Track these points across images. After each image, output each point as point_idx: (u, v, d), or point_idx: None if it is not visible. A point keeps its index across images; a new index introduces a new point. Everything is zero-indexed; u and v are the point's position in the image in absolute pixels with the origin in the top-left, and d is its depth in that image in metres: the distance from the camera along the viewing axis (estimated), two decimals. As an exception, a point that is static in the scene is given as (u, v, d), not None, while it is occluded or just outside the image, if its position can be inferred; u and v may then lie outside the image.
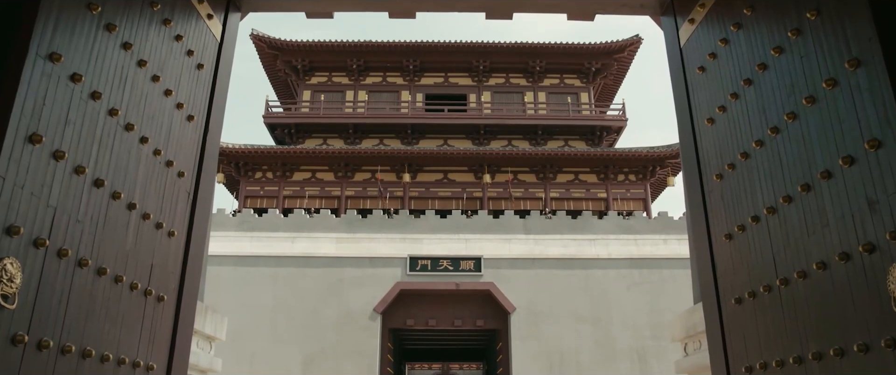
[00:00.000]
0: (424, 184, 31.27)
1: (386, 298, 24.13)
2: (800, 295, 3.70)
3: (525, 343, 23.60)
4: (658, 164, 31.29)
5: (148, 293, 4.18)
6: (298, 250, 24.99)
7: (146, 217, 4.15)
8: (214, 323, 6.09)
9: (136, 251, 4.03)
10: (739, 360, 4.38)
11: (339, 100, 33.60)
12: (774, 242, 3.98)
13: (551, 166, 31.34)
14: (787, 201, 3.83)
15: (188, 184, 4.87)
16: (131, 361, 3.98)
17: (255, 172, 31.51)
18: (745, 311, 4.32)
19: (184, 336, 4.77)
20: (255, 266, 24.71)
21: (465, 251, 24.91)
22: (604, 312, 24.09)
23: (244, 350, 23.35)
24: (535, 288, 24.32)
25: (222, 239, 25.12)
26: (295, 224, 25.58)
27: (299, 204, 30.24)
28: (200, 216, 5.05)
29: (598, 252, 25.07)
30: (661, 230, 25.64)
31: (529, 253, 24.90)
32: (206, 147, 5.20)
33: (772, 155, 4.03)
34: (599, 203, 30.91)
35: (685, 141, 5.47)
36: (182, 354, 4.73)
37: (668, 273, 24.77)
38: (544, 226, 25.56)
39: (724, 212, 4.68)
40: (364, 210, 29.10)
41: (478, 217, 25.91)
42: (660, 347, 23.66)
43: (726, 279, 4.62)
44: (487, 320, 24.90)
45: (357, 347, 23.47)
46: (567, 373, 23.24)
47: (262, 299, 24.15)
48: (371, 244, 25.03)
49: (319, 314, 23.93)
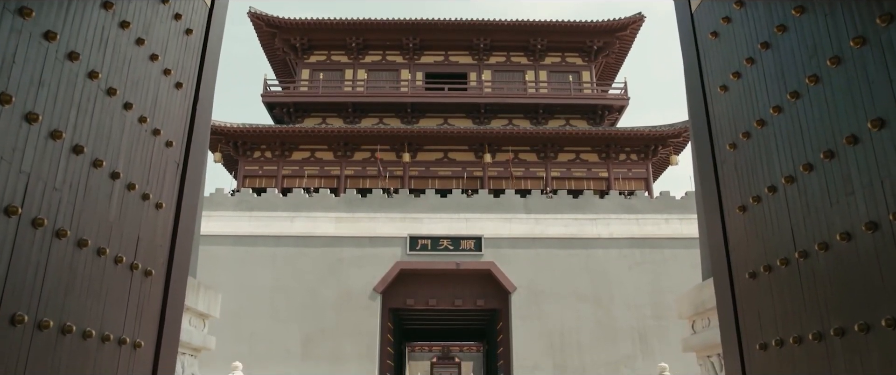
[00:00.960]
0: (424, 163, 31.04)
1: (386, 277, 24.02)
2: (821, 268, 3.51)
3: (526, 323, 23.54)
4: (660, 143, 31.04)
5: (134, 268, 3.99)
6: (297, 229, 24.83)
7: (131, 188, 3.95)
8: (208, 300, 5.91)
9: (120, 222, 3.83)
10: (753, 337, 4.20)
11: (339, 79, 33.26)
12: (793, 213, 3.78)
13: (552, 145, 31.10)
14: (807, 170, 3.63)
15: (177, 154, 4.66)
16: (117, 338, 3.80)
17: (253, 151, 31.26)
18: (760, 286, 4.14)
19: (174, 312, 4.59)
20: (253, 246, 24.58)
21: (465, 230, 24.76)
22: (605, 291, 24.00)
23: (243, 330, 23.30)
24: (535, 268, 24.21)
25: (221, 219, 24.96)
26: (294, 204, 25.41)
27: (298, 184, 30.04)
28: (190, 188, 4.85)
29: (600, 232, 24.92)
30: (663, 210, 25.47)
31: (530, 233, 24.75)
32: (195, 117, 4.98)
33: (791, 122, 3.82)
34: (601, 183, 30.70)
35: (695, 110, 5.25)
36: (172, 331, 4.56)
37: (670, 253, 24.64)
38: (545, 205, 25.38)
39: (737, 183, 4.48)
40: (363, 190, 28.91)
41: (478, 197, 25.73)
42: (661, 327, 23.60)
43: (739, 252, 4.43)
44: (488, 299, 24.82)
45: (357, 326, 23.41)
46: (568, 353, 23.20)
47: (262, 278, 24.04)
48: (371, 224, 24.87)
49: (319, 294, 23.84)
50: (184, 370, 5.60)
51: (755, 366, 4.19)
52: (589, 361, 23.11)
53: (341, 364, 22.95)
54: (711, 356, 5.71)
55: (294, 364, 22.93)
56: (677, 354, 22.68)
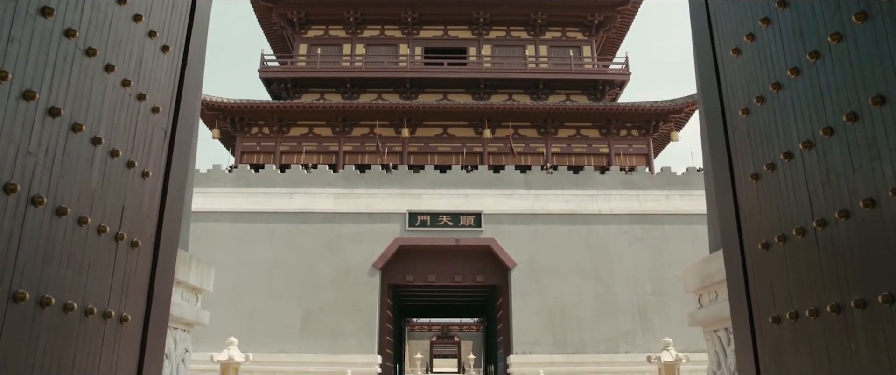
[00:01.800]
0: (424, 139, 30.80)
1: (385, 254, 23.92)
2: (841, 237, 3.32)
3: (526, 299, 23.48)
4: (661, 118, 30.78)
5: (119, 238, 3.81)
6: (296, 205, 24.68)
7: (115, 154, 3.75)
8: (200, 274, 5.74)
9: (103, 190, 3.64)
10: (765, 310, 4.04)
11: (337, 54, 32.88)
12: (811, 180, 3.59)
13: (553, 120, 30.83)
14: (827, 134, 3.43)
15: (164, 121, 4.45)
16: (101, 311, 3.63)
17: (251, 127, 31.00)
18: (774, 257, 3.96)
19: (163, 285, 4.42)
20: (252, 222, 24.44)
21: (465, 206, 24.60)
22: (605, 268, 23.91)
23: (243, 307, 23.24)
24: (535, 244, 24.10)
25: (218, 195, 24.79)
26: (292, 180, 25.22)
27: (296, 160, 29.82)
28: (179, 157, 4.65)
29: (600, 208, 24.77)
30: (664, 186, 25.30)
31: (530, 209, 24.61)
32: (184, 82, 4.77)
33: (810, 83, 3.62)
34: (601, 158, 30.49)
35: (705, 76, 5.04)
36: (161, 305, 4.39)
37: (671, 229, 24.52)
38: (545, 181, 25.20)
39: (750, 150, 4.29)
40: (362, 166, 28.71)
41: (478, 172, 25.54)
42: (661, 303, 23.56)
43: (752, 222, 4.25)
44: (488, 275, 24.75)
45: (356, 303, 23.36)
46: (568, 328, 23.18)
47: (260, 255, 23.94)
48: (369, 200, 24.71)
49: (318, 270, 23.76)
50: (176, 345, 5.45)
51: (767, 340, 4.03)
52: (589, 337, 23.10)
53: (340, 340, 22.94)
54: (718, 330, 5.57)
55: (293, 341, 22.92)
56: (677, 330, 22.66)
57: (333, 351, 22.79)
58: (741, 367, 4.38)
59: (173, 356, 5.39)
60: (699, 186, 25.27)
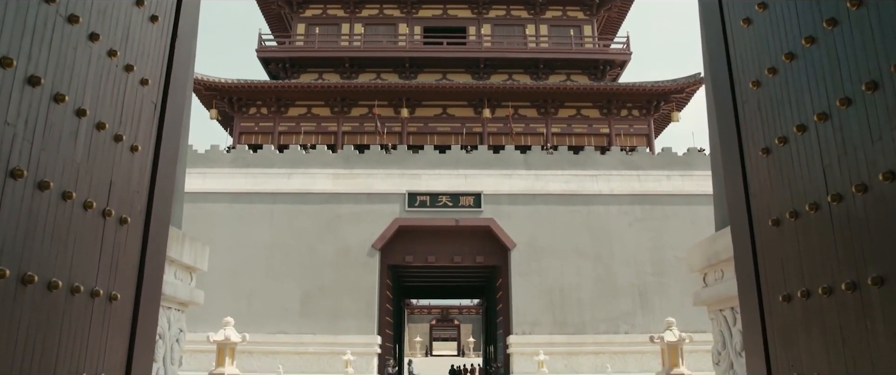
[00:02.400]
0: (423, 119, 30.59)
1: (384, 234, 23.83)
2: (857, 212, 3.19)
3: (525, 279, 23.43)
4: (662, 99, 30.55)
5: (107, 214, 3.67)
6: (294, 186, 24.54)
7: (101, 127, 3.60)
8: (194, 252, 5.61)
9: (88, 165, 3.50)
10: (775, 288, 3.91)
11: (335, 33, 32.54)
12: (826, 153, 3.44)
13: (553, 100, 30.60)
14: (844, 105, 3.28)
15: (154, 94, 4.30)
16: (88, 289, 3.50)
17: (249, 108, 30.76)
18: (785, 234, 3.83)
19: (154, 263, 4.29)
20: (250, 203, 24.31)
21: (464, 186, 24.47)
22: (605, 248, 23.84)
23: (242, 288, 23.19)
24: (535, 224, 24.00)
25: (216, 176, 24.64)
26: (291, 160, 25.05)
27: (295, 140, 29.63)
28: (170, 132, 4.51)
29: (600, 188, 24.65)
30: (665, 166, 25.15)
31: (530, 189, 24.47)
32: (174, 54, 4.60)
33: (826, 52, 3.46)
34: (602, 139, 30.30)
35: (713, 48, 4.88)
36: (152, 283, 4.26)
37: (671, 210, 24.41)
38: (545, 161, 25.05)
39: (761, 123, 4.14)
40: (361, 146, 28.51)
41: (477, 153, 25.37)
42: (661, 283, 23.52)
43: (762, 198, 4.11)
44: (487, 256, 24.68)
45: (355, 283, 23.31)
46: (567, 309, 23.16)
47: (259, 235, 23.84)
48: (368, 180, 24.57)
49: (317, 251, 23.68)
50: (170, 325, 5.33)
51: (777, 319, 3.91)
52: (589, 317, 23.09)
53: (340, 320, 22.92)
54: (724, 309, 5.45)
55: (292, 322, 22.90)
56: (678, 310, 22.62)
57: (333, 332, 22.78)
58: (748, 347, 4.27)
59: (167, 336, 5.28)
60: (700, 166, 25.13)
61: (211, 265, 24.33)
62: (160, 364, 5.19)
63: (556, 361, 22.29)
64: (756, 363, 4.15)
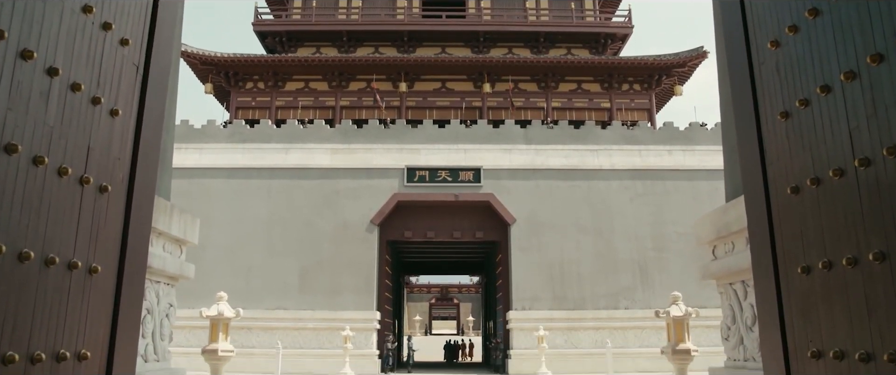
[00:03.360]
0: (422, 93, 30.25)
1: (383, 209, 23.65)
2: (887, 177, 2.97)
3: (525, 255, 23.31)
4: (664, 72, 30.19)
5: (84, 182, 3.45)
6: (292, 161, 24.30)
7: (76, 89, 3.36)
8: (184, 224, 5.40)
9: (62, 128, 3.26)
10: (794, 259, 3.71)
11: (332, 5, 32.06)
12: (853, 115, 3.22)
13: (553, 74, 30.24)
14: (875, 62, 3.04)
15: (135, 55, 4.05)
16: (65, 261, 3.29)
17: (245, 82, 30.39)
18: (805, 202, 3.62)
19: (138, 235, 4.08)
20: (248, 179, 24.09)
21: (464, 161, 24.23)
22: (605, 223, 23.69)
23: (240, 264, 23.07)
24: (535, 199, 23.82)
25: (213, 151, 24.40)
26: (288, 135, 24.78)
27: (292, 115, 29.31)
28: (154, 96, 4.26)
29: (601, 163, 24.42)
30: (666, 141, 24.90)
31: (530, 164, 24.25)
32: (158, 13, 4.35)
33: (856, 6, 3.21)
34: (602, 113, 30.00)
35: (727, 7, 4.62)
36: (137, 255, 4.05)
37: (672, 185, 24.22)
38: (546, 136, 24.79)
39: (779, 86, 3.90)
40: (359, 120, 28.21)
41: (477, 127, 25.09)
42: (661, 259, 23.40)
43: (779, 165, 3.89)
44: (487, 231, 24.53)
45: (354, 259, 23.18)
46: (567, 284, 23.07)
47: (257, 211, 23.66)
48: (367, 155, 24.32)
49: (315, 227, 23.52)
50: (159, 299, 5.14)
51: (795, 291, 3.71)
52: (589, 292, 23.01)
53: (339, 296, 22.83)
54: (734, 283, 5.26)
55: (291, 298, 22.81)
56: (678, 286, 22.52)
57: (332, 308, 22.71)
58: (763, 321, 4.08)
59: (156, 311, 5.09)
60: (702, 141, 24.89)
61: (209, 242, 24.27)
62: (149, 340, 5.00)
63: (556, 336, 22.25)
64: (771, 337, 3.96)
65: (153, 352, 5.03)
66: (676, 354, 6.64)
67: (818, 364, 3.47)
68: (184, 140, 24.60)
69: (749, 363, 5.02)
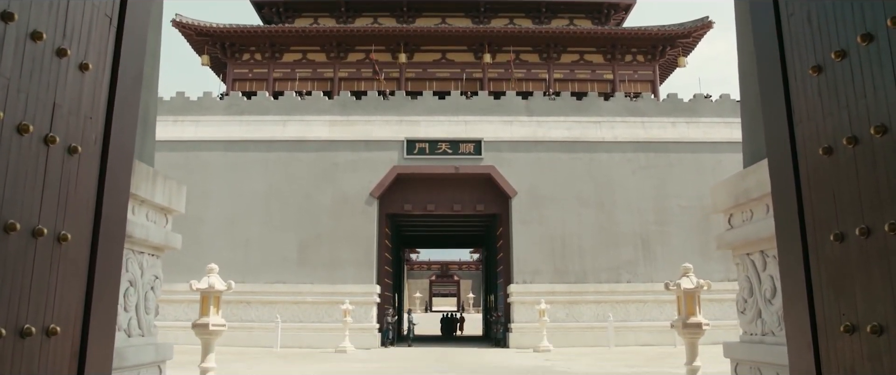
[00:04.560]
0: (421, 64, 29.77)
1: (382, 182, 23.35)
2: (941, 132, 2.66)
3: (526, 228, 23.07)
4: (668, 43, 29.68)
5: (49, 141, 3.13)
6: (290, 133, 23.95)
7: (36, 38, 3.03)
8: (169, 192, 5.09)
9: (20, 81, 2.94)
10: (825, 226, 3.41)
11: (330, -25, 31.41)
12: (900, 64, 2.89)
13: (555, 45, 29.73)
14: (929, 3, 2.71)
15: (108, 6, 3.70)
16: (28, 228, 2.99)
17: (242, 54, 29.90)
18: (839, 163, 3.31)
19: (115, 200, 3.77)
20: (245, 151, 23.77)
21: (464, 133, 23.88)
22: (607, 196, 23.41)
23: (238, 237, 22.85)
24: (537, 172, 23.51)
25: (210, 123, 24.05)
26: (286, 107, 24.39)
27: (290, 87, 28.87)
28: (130, 50, 3.93)
29: (604, 135, 24.07)
30: (670, 113, 24.52)
31: (532, 136, 23.90)
32: (132, -42, 3.98)
33: (905, -59, 2.87)
34: (605, 85, 29.55)
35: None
36: (113, 223, 3.75)
37: (676, 158, 23.90)
38: (548, 108, 24.40)
39: (811, 37, 3.57)
40: (358, 92, 27.78)
41: (478, 99, 24.69)
42: (664, 232, 23.17)
43: (810, 124, 3.57)
44: (488, 204, 24.27)
45: (353, 232, 22.95)
46: (569, 258, 22.86)
47: (255, 184, 23.38)
48: (366, 127, 23.96)
49: (314, 200, 23.25)
50: (143, 271, 4.85)
51: (825, 260, 3.42)
52: (590, 266, 22.81)
53: (338, 270, 22.64)
54: (752, 253, 4.97)
55: (290, 271, 22.62)
56: (680, 260, 22.29)
57: (331, 281, 22.53)
58: (788, 293, 3.79)
59: (140, 283, 4.80)
60: (706, 113, 24.51)
61: (206, 215, 24.00)
62: (132, 314, 4.72)
63: (558, 310, 22.10)
64: (797, 310, 3.68)
65: (137, 326, 4.77)
66: (687, 328, 6.38)
67: (852, 339, 3.19)
68: (180, 112, 24.24)
69: (767, 337, 4.75)
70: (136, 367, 4.63)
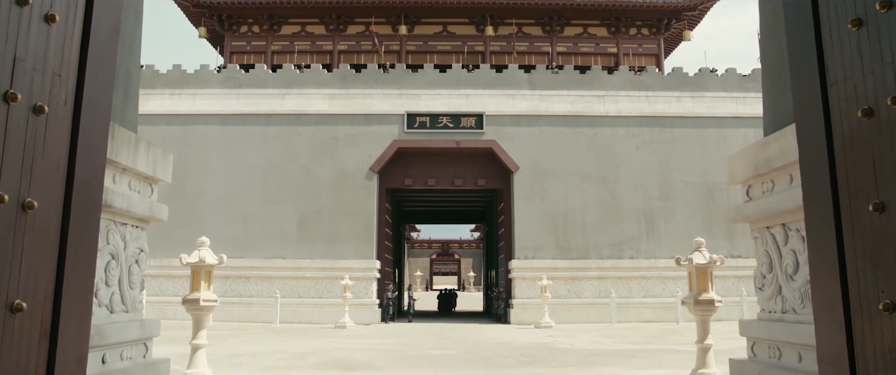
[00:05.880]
0: (422, 37, 29.28)
1: (382, 156, 23.05)
2: None
3: (528, 203, 22.81)
4: (674, 16, 29.16)
5: (10, 99, 2.84)
6: (289, 107, 23.58)
7: (-10, -18, 2.71)
8: (153, 160, 4.79)
9: (-27, 29, 2.64)
10: (863, 195, 3.12)
11: (329, -55, 30.76)
12: (959, 11, 2.58)
13: (558, 18, 29.21)
14: None
15: (77, -48, 3.38)
16: (-16, 193, 2.70)
17: (240, 26, 29.41)
18: (882, 126, 3.01)
19: (89, 166, 3.47)
20: (243, 125, 23.43)
21: (465, 107, 23.51)
22: (610, 171, 23.11)
23: (237, 212, 22.61)
24: (539, 146, 23.19)
25: (207, 97, 23.68)
26: (284, 80, 24.00)
27: (289, 60, 28.43)
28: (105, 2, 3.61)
29: (607, 109, 23.70)
30: (675, 87, 24.12)
31: (534, 110, 23.53)
32: None
33: None
34: (609, 59, 29.09)
35: None
36: (88, 191, 3.45)
37: (680, 132, 23.55)
38: (550, 81, 23.99)
39: (851, -12, 3.25)
40: (358, 65, 27.34)
41: (480, 72, 24.27)
42: (667, 208, 22.91)
43: (847, 84, 3.27)
44: (489, 179, 23.98)
45: (353, 207, 22.70)
46: (571, 233, 22.63)
47: (253, 158, 23.08)
48: (366, 101, 23.59)
49: (313, 174, 22.97)
50: (126, 244, 4.57)
51: (863, 233, 3.13)
52: (592, 242, 22.59)
53: (338, 245, 22.43)
54: (772, 226, 4.68)
55: (289, 246, 22.42)
56: (683, 236, 22.13)
57: (331, 256, 22.33)
58: (817, 268, 3.50)
59: (123, 256, 4.52)
60: (712, 87, 24.10)
61: (204, 189, 23.69)
62: (115, 289, 4.45)
63: (560, 286, 21.93)
64: (826, 286, 3.40)
65: (120, 302, 4.50)
66: (699, 305, 6.12)
67: (892, 319, 2.92)
68: (177, 86, 23.86)
69: (788, 315, 4.48)
70: (119, 345, 4.37)
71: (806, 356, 4.14)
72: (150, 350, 4.94)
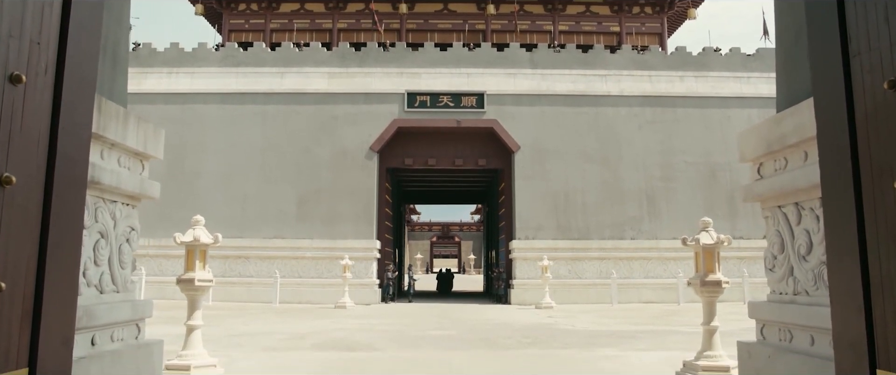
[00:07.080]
0: (423, 15, 28.94)
1: (382, 136, 22.85)
2: None
3: (529, 183, 22.66)
4: (678, -6, 28.78)
5: (-16, 66, 2.68)
6: (288, 86, 23.34)
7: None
8: (144, 135, 4.63)
9: (-59, -10, 2.46)
10: (888, 172, 2.97)
11: (328, -79, 30.32)
12: None
13: (561, -5, 28.84)
14: None
15: None
16: (-42, 166, 2.55)
17: (238, 4, 29.05)
18: (909, 98, 2.85)
19: (73, 139, 3.32)
20: (242, 104, 23.20)
21: (466, 86, 23.26)
22: (612, 151, 22.93)
23: (235, 192, 22.47)
24: (541, 126, 22.98)
25: (205, 75, 23.43)
26: (283, 59, 23.72)
27: (288, 38, 28.12)
28: (86, -34, 3.42)
29: (609, 89, 23.45)
30: (678, 67, 23.84)
31: (536, 89, 23.28)
32: None
33: None
34: (611, 38, 28.77)
35: None
36: (72, 165, 3.30)
37: (683, 112, 23.33)
38: (552, 60, 23.72)
39: (878, -50, 3.07)
40: (358, 44, 27.03)
41: (480, 51, 23.98)
42: (669, 189, 22.76)
43: (872, 55, 3.10)
44: (490, 159, 23.80)
45: (353, 186, 22.55)
46: (572, 214, 22.50)
47: (252, 138, 22.89)
48: (366, 80, 23.33)
49: (313, 154, 22.79)
50: (116, 222, 4.42)
51: (887, 211, 2.98)
52: (594, 222, 22.47)
53: (338, 225, 22.31)
54: (785, 205, 4.53)
55: (289, 226, 22.30)
56: (686, 217, 22.01)
57: (330, 237, 22.23)
58: (835, 248, 3.35)
59: (112, 234, 4.37)
60: (716, 67, 23.84)
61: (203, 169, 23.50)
62: (104, 268, 4.30)
63: (560, 266, 21.84)
64: (845, 268, 3.25)
65: (110, 281, 4.35)
66: (705, 286, 5.99)
67: (917, 302, 2.78)
68: (174, 64, 23.60)
69: (800, 297, 4.34)
70: (109, 326, 4.24)
71: (819, 339, 4.01)
72: (143, 331, 4.81)
